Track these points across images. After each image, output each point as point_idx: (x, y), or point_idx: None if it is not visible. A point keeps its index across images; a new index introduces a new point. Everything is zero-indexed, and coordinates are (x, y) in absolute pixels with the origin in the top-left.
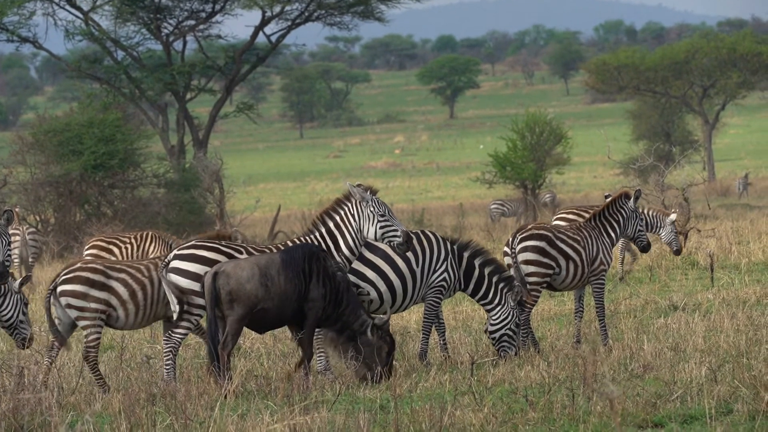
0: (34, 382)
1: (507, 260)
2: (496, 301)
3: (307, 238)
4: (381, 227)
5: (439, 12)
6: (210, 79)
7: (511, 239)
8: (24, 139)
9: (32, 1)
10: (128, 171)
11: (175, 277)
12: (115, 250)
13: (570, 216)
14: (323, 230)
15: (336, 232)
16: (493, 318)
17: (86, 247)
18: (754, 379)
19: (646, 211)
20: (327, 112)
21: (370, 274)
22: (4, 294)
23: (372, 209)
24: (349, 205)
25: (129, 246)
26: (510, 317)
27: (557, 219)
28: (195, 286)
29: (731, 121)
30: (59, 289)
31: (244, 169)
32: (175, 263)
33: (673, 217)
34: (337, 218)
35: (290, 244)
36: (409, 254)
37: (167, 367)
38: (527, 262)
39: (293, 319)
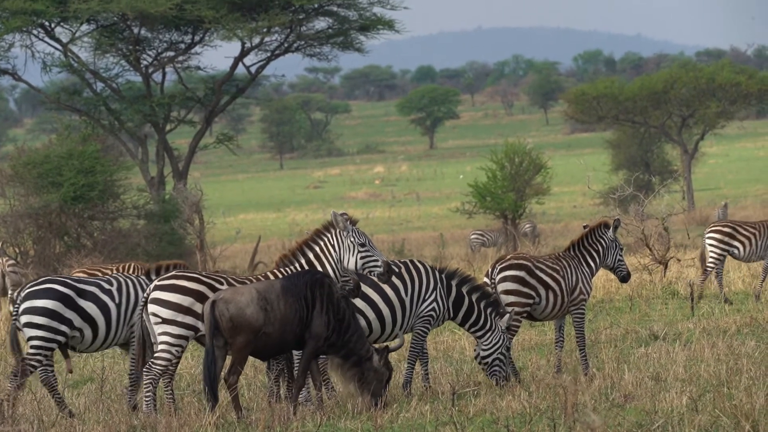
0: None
1: None
2: (487, 327)
3: (287, 269)
4: (362, 258)
5: (419, 43)
6: (189, 110)
7: (490, 269)
8: (3, 171)
9: (10, 33)
10: (108, 202)
11: (155, 308)
12: None
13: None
14: (303, 261)
15: (316, 263)
16: (485, 343)
17: None
18: (734, 409)
19: None
20: (307, 143)
21: (359, 302)
22: None
23: (352, 239)
24: (329, 235)
25: None
26: (501, 341)
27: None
28: (177, 316)
29: (710, 151)
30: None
31: (223, 200)
32: (156, 294)
33: None
34: (317, 249)
35: (270, 276)
36: (399, 283)
37: (147, 399)
38: (507, 292)
39: (296, 345)
